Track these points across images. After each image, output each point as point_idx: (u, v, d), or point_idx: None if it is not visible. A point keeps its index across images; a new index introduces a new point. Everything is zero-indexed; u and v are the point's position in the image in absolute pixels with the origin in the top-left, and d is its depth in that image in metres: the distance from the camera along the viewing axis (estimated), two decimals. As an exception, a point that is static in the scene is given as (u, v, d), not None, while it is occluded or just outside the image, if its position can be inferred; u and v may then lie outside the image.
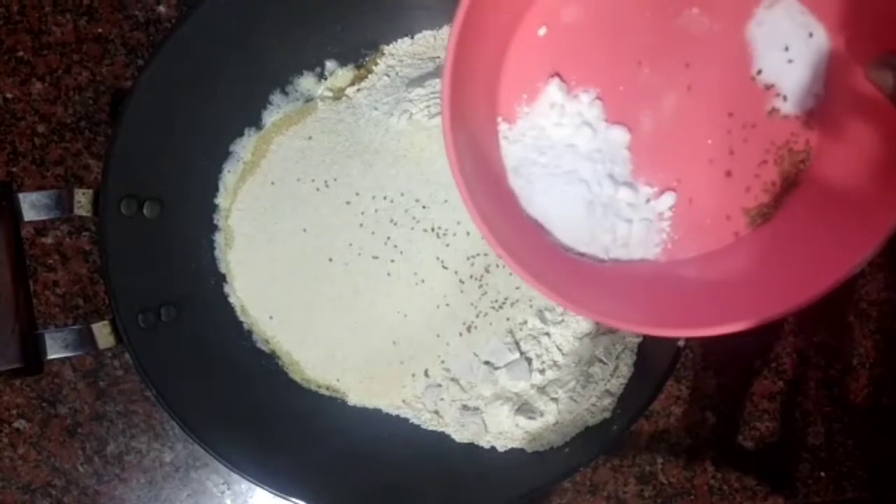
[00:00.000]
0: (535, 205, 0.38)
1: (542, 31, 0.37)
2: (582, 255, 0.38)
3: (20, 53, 0.54)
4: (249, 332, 0.51)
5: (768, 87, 0.37)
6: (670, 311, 0.36)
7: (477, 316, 0.49)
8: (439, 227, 0.48)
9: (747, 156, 0.37)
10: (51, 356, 0.43)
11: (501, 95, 0.38)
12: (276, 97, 0.51)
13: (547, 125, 0.38)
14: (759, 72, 0.37)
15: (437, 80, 0.47)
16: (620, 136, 0.38)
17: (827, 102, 0.37)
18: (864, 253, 0.33)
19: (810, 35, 0.36)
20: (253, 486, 0.47)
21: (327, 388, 0.51)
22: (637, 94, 0.37)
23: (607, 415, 0.48)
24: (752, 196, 0.38)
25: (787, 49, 0.36)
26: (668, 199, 0.38)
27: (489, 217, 0.34)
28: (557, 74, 0.38)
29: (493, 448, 0.49)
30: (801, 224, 0.37)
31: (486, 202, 0.35)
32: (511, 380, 0.49)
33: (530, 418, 0.48)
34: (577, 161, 0.38)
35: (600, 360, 0.48)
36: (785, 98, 0.37)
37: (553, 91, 0.38)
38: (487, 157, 0.37)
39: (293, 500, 0.47)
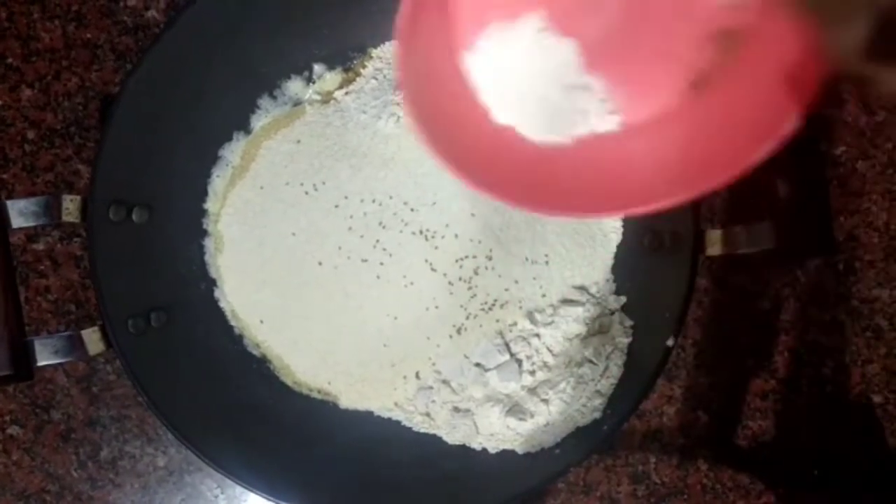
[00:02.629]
0: (502, 115, 0.40)
1: None
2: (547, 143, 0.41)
3: (9, 60, 0.54)
4: (240, 337, 0.51)
5: None
6: (627, 192, 0.39)
7: (467, 318, 0.49)
8: (428, 230, 0.48)
9: (687, 38, 0.40)
10: (41, 363, 0.43)
11: (458, 27, 0.40)
12: (264, 101, 0.51)
13: (504, 47, 0.40)
14: None
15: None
16: (571, 45, 0.40)
17: None
18: (789, 122, 0.35)
19: None
20: (246, 490, 0.47)
21: (319, 392, 0.51)
22: (581, 5, 0.40)
23: (598, 415, 0.48)
24: (694, 70, 0.40)
25: None
26: (620, 80, 0.40)
27: (439, 139, 0.36)
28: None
29: (484, 450, 0.49)
30: (740, 92, 0.39)
31: (439, 123, 0.37)
32: (502, 381, 0.49)
33: (521, 420, 0.48)
34: (535, 76, 0.40)
35: (590, 361, 0.48)
36: None
37: (506, 17, 0.40)
38: (446, 82, 0.40)
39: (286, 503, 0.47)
